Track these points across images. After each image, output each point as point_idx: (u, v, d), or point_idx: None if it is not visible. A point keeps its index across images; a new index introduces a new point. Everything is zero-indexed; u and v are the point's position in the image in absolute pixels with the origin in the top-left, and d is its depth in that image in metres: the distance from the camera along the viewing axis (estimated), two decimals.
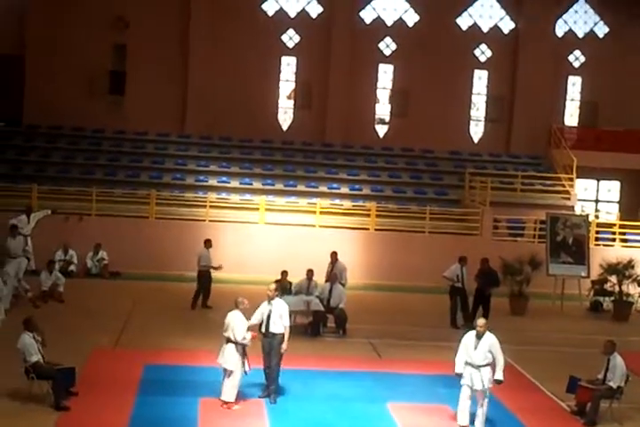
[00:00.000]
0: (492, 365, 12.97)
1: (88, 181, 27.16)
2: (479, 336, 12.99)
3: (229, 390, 13.16)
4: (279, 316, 13.71)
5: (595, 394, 13.64)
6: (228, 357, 13.16)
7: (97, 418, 12.50)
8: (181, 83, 31.51)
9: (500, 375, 12.87)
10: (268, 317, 13.68)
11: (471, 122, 33.60)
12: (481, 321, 13.26)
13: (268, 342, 13.76)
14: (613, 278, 22.94)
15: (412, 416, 13.44)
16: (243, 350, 13.23)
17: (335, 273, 19.50)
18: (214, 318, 19.35)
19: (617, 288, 22.82)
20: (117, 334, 17.73)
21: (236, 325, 13.15)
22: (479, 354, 12.88)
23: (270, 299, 13.80)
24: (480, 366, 12.84)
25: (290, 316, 18.70)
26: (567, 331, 20.38)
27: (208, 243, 21.00)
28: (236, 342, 13.14)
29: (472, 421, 12.96)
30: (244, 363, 13.23)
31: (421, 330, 19.51)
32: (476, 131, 33.70)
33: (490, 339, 12.97)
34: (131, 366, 15.24)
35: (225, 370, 13.22)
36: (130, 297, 21.22)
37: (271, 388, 13.83)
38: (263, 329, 13.76)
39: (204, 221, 25.87)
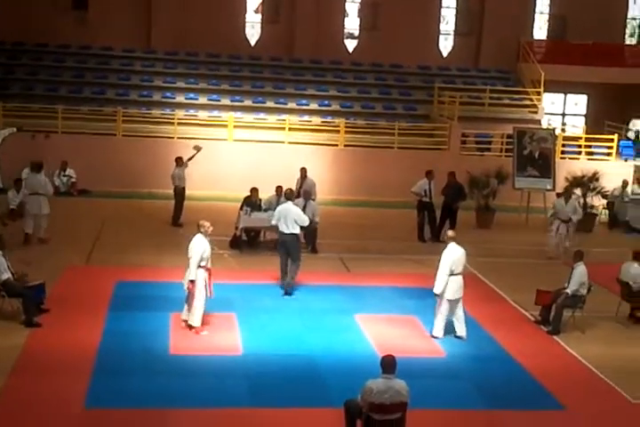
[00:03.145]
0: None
1: (53, 98, 26.78)
2: (445, 247, 13.54)
3: (194, 315, 12.99)
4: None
5: (558, 304, 14.00)
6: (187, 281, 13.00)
7: (69, 333, 12.69)
8: None
9: (435, 288, 13.26)
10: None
11: (440, 36, 33.27)
12: (448, 232, 14.13)
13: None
14: (578, 191, 23.23)
15: (379, 327, 13.75)
16: (205, 274, 13.00)
17: (307, 190, 19.50)
18: (185, 234, 19.48)
19: (582, 201, 23.13)
20: (88, 251, 17.82)
21: (191, 248, 12.99)
22: None
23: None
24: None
25: (260, 232, 19.15)
26: (532, 243, 20.71)
27: (179, 161, 20.94)
28: (198, 266, 12.93)
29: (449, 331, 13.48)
30: (206, 287, 13.00)
31: (389, 244, 19.76)
32: (446, 45, 33.39)
33: (446, 250, 13.41)
34: (102, 282, 15.38)
35: (188, 294, 13.09)
36: (99, 215, 21.23)
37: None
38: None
39: (173, 138, 25.71)
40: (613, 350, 13.44)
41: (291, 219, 15.41)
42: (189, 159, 20.95)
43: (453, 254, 13.35)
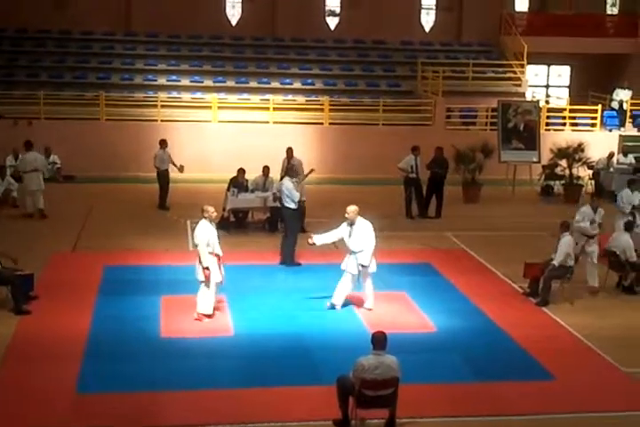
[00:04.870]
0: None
1: (34, 84, 26.61)
2: (351, 224, 13.31)
3: (200, 301, 12.83)
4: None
5: (545, 275, 14.05)
6: (197, 267, 12.81)
7: (59, 320, 12.67)
8: None
9: (364, 260, 13.22)
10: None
11: (422, 11, 33.10)
12: (350, 208, 13.44)
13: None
14: (564, 162, 23.33)
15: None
16: (216, 261, 12.87)
17: (293, 166, 19.36)
18: (172, 217, 19.54)
19: (567, 172, 23.23)
20: (75, 237, 17.78)
21: (196, 235, 12.78)
22: (354, 241, 13.25)
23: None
24: (355, 253, 13.25)
25: (248, 213, 19.19)
26: (519, 215, 20.79)
27: (163, 143, 20.87)
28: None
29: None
30: (216, 274, 12.84)
31: (377, 221, 19.46)
32: (428, 20, 33.23)
33: (363, 225, 13.32)
34: (90, 268, 15.37)
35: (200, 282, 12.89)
36: (85, 200, 21.20)
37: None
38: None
39: (157, 121, 25.62)
40: (602, 319, 13.51)
41: (284, 194, 16.06)
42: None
43: (371, 228, 13.34)
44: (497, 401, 10.41)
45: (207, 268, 12.71)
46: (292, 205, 16.10)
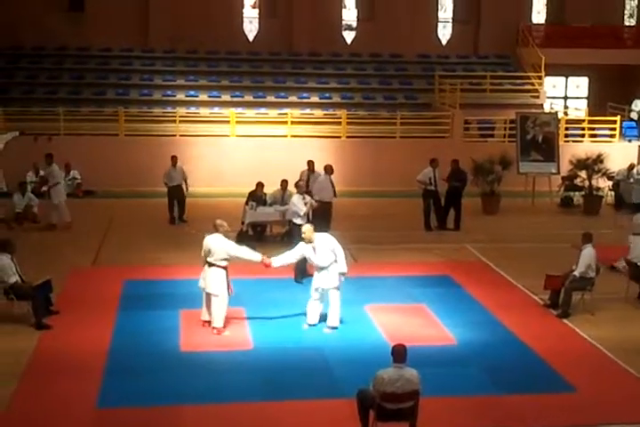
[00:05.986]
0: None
1: (53, 101, 26.83)
2: (309, 242, 12.97)
3: (218, 315, 12.83)
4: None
5: (566, 287, 13.98)
6: (211, 281, 12.77)
7: (79, 334, 12.70)
8: None
9: (342, 268, 13.02)
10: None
11: (439, 24, 33.16)
12: (304, 227, 13.19)
13: None
14: (583, 174, 23.24)
15: (389, 316, 13.76)
16: (225, 274, 12.85)
17: (330, 165, 19.33)
18: (190, 231, 19.57)
19: (587, 183, 23.13)
20: (95, 252, 17.84)
21: (223, 248, 12.72)
22: (320, 257, 12.98)
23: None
24: (325, 267, 13.01)
25: (266, 226, 19.21)
26: (539, 227, 20.70)
27: (173, 159, 20.96)
28: (219, 266, 12.76)
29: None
30: (228, 286, 12.86)
31: (396, 234, 19.75)
32: (444, 33, 33.27)
33: (323, 239, 13.02)
34: (110, 282, 15.41)
35: (207, 295, 12.92)
36: (105, 215, 21.28)
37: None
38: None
39: (175, 136, 25.73)
40: (624, 331, 13.41)
41: (291, 209, 16.44)
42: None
43: (333, 238, 13.10)
44: (518, 414, 10.34)
45: (263, 260, 12.97)
46: (299, 221, 15.96)
